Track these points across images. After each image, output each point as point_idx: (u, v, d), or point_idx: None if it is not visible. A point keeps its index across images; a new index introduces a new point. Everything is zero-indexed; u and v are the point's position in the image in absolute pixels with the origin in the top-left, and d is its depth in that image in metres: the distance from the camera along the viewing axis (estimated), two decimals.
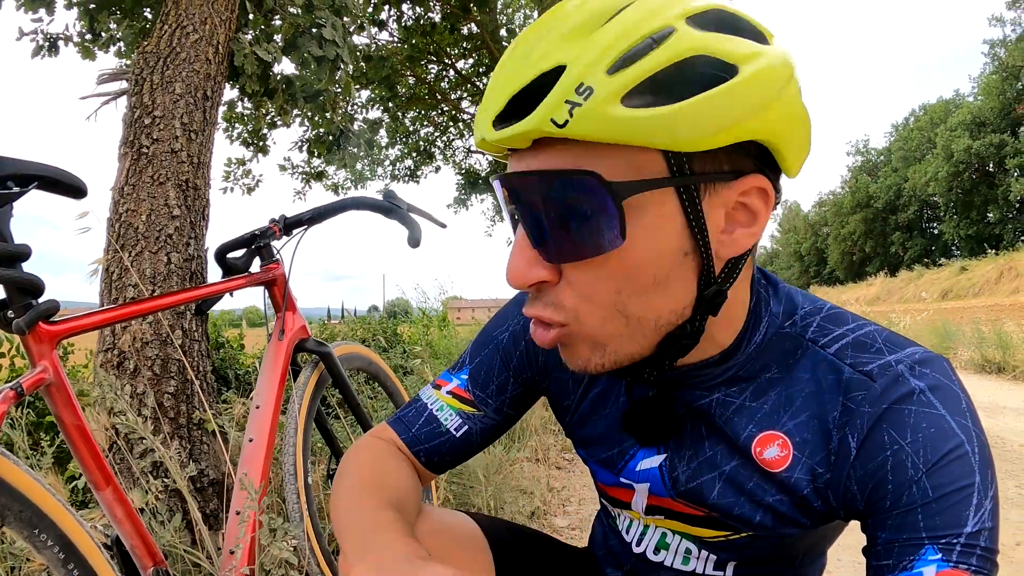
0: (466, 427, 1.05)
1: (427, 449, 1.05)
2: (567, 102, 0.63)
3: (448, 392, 1.07)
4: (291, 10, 3.84)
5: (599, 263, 0.70)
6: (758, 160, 0.72)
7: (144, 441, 1.75)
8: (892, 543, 0.70)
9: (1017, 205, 41.12)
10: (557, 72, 0.65)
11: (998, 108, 41.64)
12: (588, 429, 1.02)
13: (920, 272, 29.83)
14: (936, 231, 51.23)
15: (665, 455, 0.93)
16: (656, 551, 1.02)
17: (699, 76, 0.65)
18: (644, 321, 0.74)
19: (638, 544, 1.04)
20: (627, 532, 1.07)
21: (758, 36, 0.71)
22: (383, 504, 0.89)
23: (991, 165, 42.26)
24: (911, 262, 41.19)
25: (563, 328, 0.76)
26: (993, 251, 27.16)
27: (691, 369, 0.85)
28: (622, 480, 0.99)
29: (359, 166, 12.89)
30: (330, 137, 6.03)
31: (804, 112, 0.73)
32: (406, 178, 15.25)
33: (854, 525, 0.85)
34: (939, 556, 0.66)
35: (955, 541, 0.67)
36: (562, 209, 0.69)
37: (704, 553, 0.97)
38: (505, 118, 0.69)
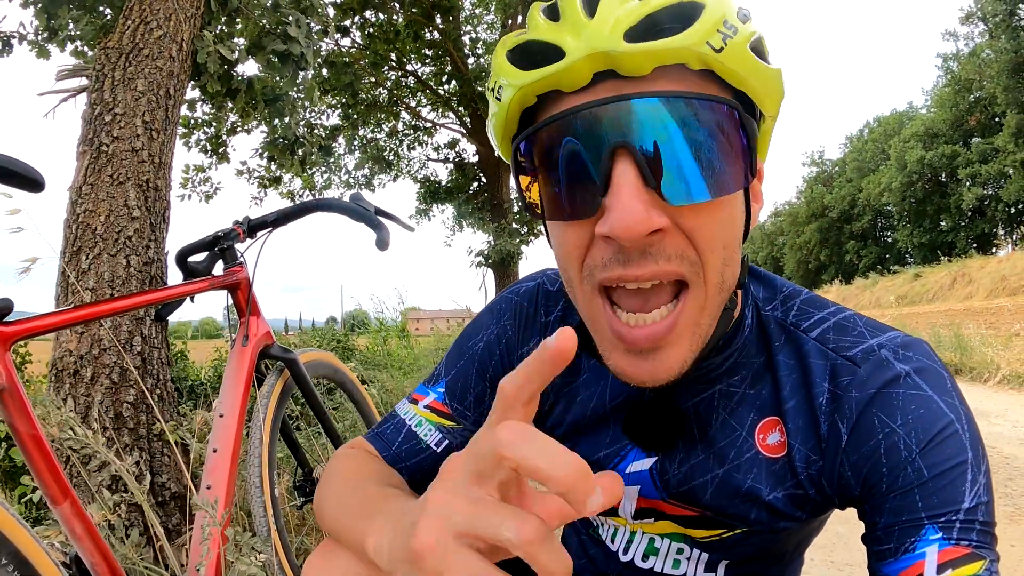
0: (447, 442, 1.00)
1: (409, 467, 0.99)
2: (719, 31, 0.63)
3: (426, 406, 1.02)
4: (256, 11, 3.76)
5: (715, 208, 0.67)
6: None
7: (100, 454, 1.66)
8: (892, 527, 0.71)
9: (969, 213, 42.21)
10: (693, 6, 0.63)
11: (951, 120, 42.82)
12: (575, 434, 0.98)
13: (875, 279, 30.45)
14: (890, 239, 52.33)
15: (655, 458, 0.91)
16: (644, 558, 1.00)
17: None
18: (724, 294, 0.74)
19: (625, 552, 1.01)
20: (612, 541, 1.04)
21: None
22: (381, 485, 0.85)
23: (943, 175, 43.39)
24: (866, 270, 42.01)
25: (675, 313, 0.70)
26: (946, 258, 27.98)
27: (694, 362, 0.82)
28: None
29: (313, 171, 12.77)
30: (285, 142, 5.95)
31: None
32: (361, 186, 15.09)
33: (828, 525, 0.84)
34: (940, 535, 0.67)
35: (954, 518, 0.68)
36: (699, 139, 0.64)
37: (696, 552, 0.96)
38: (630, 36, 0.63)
